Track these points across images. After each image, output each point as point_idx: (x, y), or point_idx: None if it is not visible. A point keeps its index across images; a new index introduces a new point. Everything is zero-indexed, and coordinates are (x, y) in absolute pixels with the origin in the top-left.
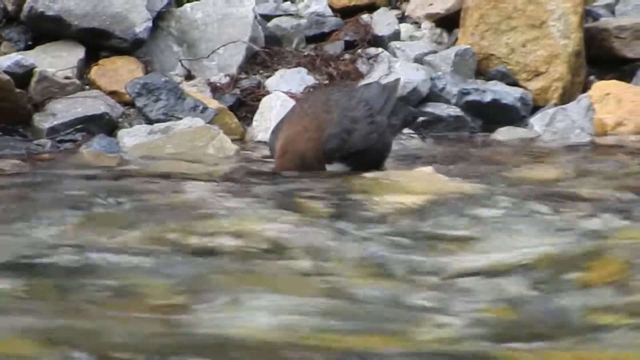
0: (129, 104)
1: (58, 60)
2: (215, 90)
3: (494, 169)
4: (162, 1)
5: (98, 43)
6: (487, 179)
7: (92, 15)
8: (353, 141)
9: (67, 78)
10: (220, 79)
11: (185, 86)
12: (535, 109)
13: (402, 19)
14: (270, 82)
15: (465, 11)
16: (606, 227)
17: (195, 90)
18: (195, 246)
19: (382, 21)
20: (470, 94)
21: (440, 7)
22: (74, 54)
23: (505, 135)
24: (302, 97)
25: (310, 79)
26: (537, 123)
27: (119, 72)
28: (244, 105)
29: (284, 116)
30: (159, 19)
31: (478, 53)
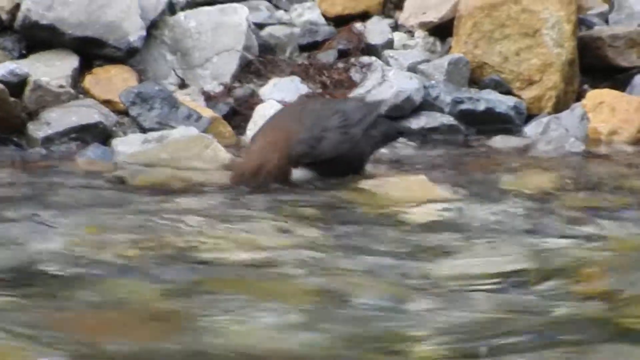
0: (123, 112)
1: (52, 69)
2: (209, 99)
3: (487, 177)
4: (156, 10)
5: (92, 52)
6: (480, 187)
7: (86, 24)
8: (322, 149)
9: (61, 87)
10: (214, 87)
11: (179, 95)
12: (529, 117)
13: (396, 27)
14: (264, 91)
15: (459, 20)
16: (600, 236)
17: (189, 99)
18: (189, 255)
19: (376, 30)
20: (463, 102)
21: (433, 16)
22: (68, 63)
23: (499, 144)
24: (280, 109)
25: (303, 88)
26: (531, 132)
27: (112, 81)
28: (238, 114)
29: (258, 129)
30: (153, 27)
31: (471, 61)
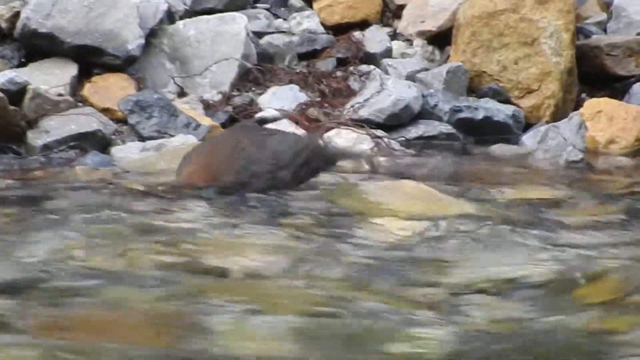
0: (122, 120)
1: (51, 77)
2: (208, 107)
3: (485, 186)
4: (155, 18)
5: (91, 60)
6: (478, 196)
7: (85, 32)
8: (248, 189)
9: (60, 95)
10: (213, 96)
11: (178, 103)
12: (527, 126)
13: (394, 36)
14: (262, 99)
15: (457, 28)
16: (599, 246)
17: (188, 108)
18: (188, 264)
19: (374, 38)
20: (462, 111)
21: (432, 25)
22: (67, 71)
23: (497, 153)
24: (217, 135)
25: (302, 96)
26: (529, 140)
27: (111, 89)
28: (237, 123)
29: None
30: (152, 36)
31: (470, 70)
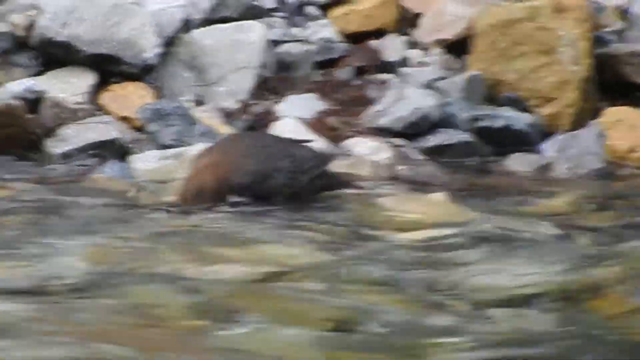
0: (140, 129)
1: (69, 85)
2: (226, 116)
3: (505, 196)
4: (172, 27)
5: (108, 69)
6: (498, 206)
7: (101, 41)
8: (266, 187)
9: (78, 104)
10: (231, 104)
11: (196, 112)
12: (546, 135)
13: (412, 44)
14: (280, 108)
15: (475, 37)
16: (619, 256)
17: (206, 116)
18: (207, 271)
19: (392, 47)
20: (481, 120)
21: (449, 33)
22: (85, 80)
23: (516, 162)
24: (232, 135)
25: (320, 105)
26: (549, 149)
27: (129, 98)
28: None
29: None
30: (169, 44)
31: (488, 79)
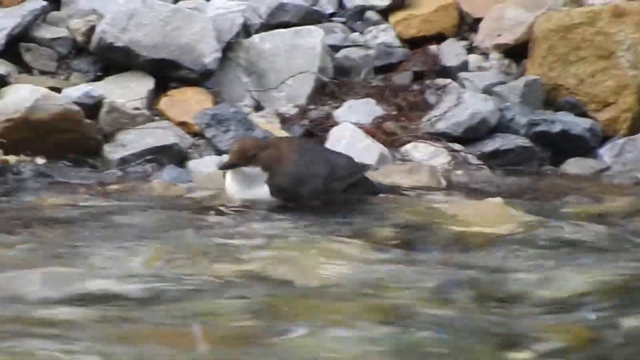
0: (199, 134)
1: (127, 91)
2: (284, 121)
3: (563, 200)
4: (231, 32)
5: (167, 74)
6: (556, 210)
7: (161, 46)
8: (301, 192)
9: (137, 109)
10: (289, 109)
11: (254, 117)
12: (604, 139)
13: (471, 49)
14: (338, 113)
15: (534, 42)
16: None
17: (264, 121)
18: (264, 275)
19: (450, 52)
20: (539, 124)
21: (508, 38)
22: (143, 85)
23: (574, 167)
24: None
25: (378, 110)
26: (606, 154)
27: (188, 103)
28: (313, 136)
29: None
30: (228, 49)
31: (546, 84)
